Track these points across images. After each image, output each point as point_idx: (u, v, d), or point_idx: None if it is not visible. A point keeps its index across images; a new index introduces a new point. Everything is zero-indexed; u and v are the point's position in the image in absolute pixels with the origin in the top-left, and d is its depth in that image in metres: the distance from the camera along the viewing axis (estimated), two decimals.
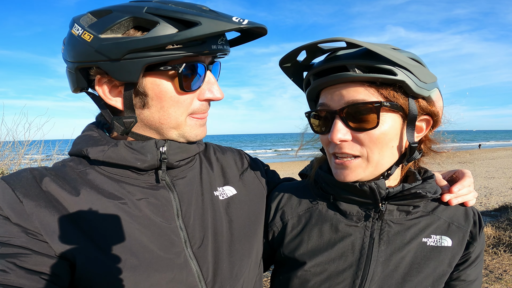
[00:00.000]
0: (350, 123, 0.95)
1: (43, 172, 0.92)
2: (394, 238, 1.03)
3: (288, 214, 1.18)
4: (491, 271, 4.68)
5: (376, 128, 0.94)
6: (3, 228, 0.80)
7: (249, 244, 1.09)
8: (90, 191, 0.91)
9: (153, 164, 0.95)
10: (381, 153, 0.98)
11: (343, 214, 1.08)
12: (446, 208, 1.09)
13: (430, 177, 1.09)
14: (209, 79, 0.96)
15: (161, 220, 0.95)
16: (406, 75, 0.92)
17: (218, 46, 0.91)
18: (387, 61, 0.91)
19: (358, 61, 0.92)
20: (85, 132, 1.02)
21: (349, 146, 0.97)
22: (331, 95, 0.98)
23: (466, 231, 1.05)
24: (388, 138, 0.97)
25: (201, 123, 1.00)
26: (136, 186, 0.96)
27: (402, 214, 1.04)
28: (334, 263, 1.05)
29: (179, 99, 0.93)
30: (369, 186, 0.99)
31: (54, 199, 0.86)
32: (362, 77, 0.92)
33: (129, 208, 0.92)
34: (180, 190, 1.02)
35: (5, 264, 0.75)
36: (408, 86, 0.92)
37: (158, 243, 0.91)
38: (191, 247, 0.96)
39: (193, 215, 1.00)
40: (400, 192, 1.01)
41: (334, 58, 0.98)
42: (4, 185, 0.86)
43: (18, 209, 0.82)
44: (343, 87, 0.96)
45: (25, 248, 0.79)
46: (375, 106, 0.92)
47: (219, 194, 1.11)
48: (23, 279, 0.76)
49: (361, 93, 0.94)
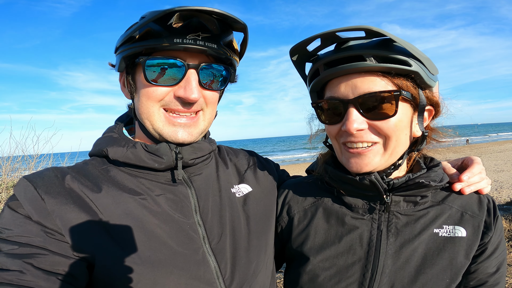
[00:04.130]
0: (365, 112, 0.96)
1: (65, 170, 0.94)
2: (403, 229, 1.02)
3: (294, 208, 1.19)
4: (509, 264, 4.63)
5: (394, 116, 0.96)
6: (22, 227, 0.81)
7: (265, 240, 1.11)
8: (112, 187, 0.94)
9: (169, 164, 0.98)
10: (398, 140, 0.99)
11: (349, 208, 1.09)
12: (457, 196, 1.07)
13: (436, 165, 1.08)
14: (188, 77, 0.96)
15: (180, 215, 0.96)
16: (419, 66, 0.94)
17: (186, 40, 0.91)
18: (402, 52, 0.93)
19: (375, 51, 0.93)
20: (105, 134, 1.06)
21: (366, 134, 0.98)
22: (344, 85, 0.98)
23: (481, 220, 1.02)
24: (403, 126, 0.99)
25: (176, 124, 0.99)
26: (155, 181, 0.99)
27: (410, 205, 1.04)
28: (342, 257, 1.05)
29: (148, 90, 0.97)
30: (369, 179, 1.00)
31: (76, 196, 0.88)
32: (378, 67, 0.93)
33: (148, 204, 0.94)
34: (197, 186, 1.04)
35: (22, 264, 0.76)
36: (421, 77, 0.95)
37: (176, 239, 0.93)
38: (209, 243, 0.97)
39: (211, 211, 1.02)
40: (405, 182, 1.00)
41: (348, 48, 0.97)
42: (26, 183, 0.87)
43: (39, 206, 0.84)
44: (357, 76, 0.96)
45: (43, 248, 0.80)
46: (394, 95, 0.94)
47: (235, 191, 1.13)
48: (40, 280, 0.76)
49: (377, 83, 0.95)
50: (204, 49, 0.94)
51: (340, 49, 0.98)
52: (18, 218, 0.82)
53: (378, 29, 0.90)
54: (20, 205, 0.84)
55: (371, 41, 0.97)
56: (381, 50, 0.93)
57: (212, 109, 1.08)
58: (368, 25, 0.89)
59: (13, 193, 0.88)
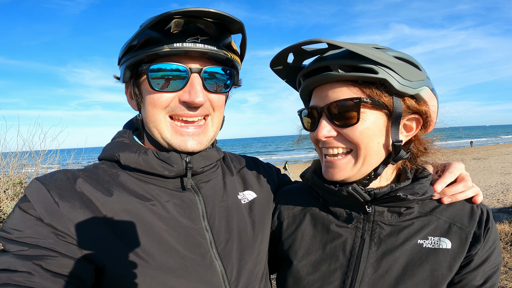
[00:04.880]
0: (334, 120, 1.00)
1: (77, 173, 0.95)
2: (386, 239, 1.02)
3: (284, 214, 1.22)
4: (510, 268, 4.57)
5: (358, 124, 0.97)
6: (33, 229, 0.82)
7: (266, 244, 1.14)
8: (122, 192, 0.95)
9: (179, 172, 1.00)
10: (368, 149, 0.99)
11: (335, 216, 1.11)
12: (448, 207, 1.04)
13: (424, 176, 1.05)
14: (192, 82, 0.97)
15: (188, 221, 0.98)
16: (387, 73, 0.94)
17: (185, 44, 0.92)
18: (368, 60, 0.93)
19: (340, 61, 0.96)
20: (116, 139, 1.07)
21: (336, 140, 1.02)
22: (319, 95, 1.03)
23: (470, 232, 0.99)
24: (372, 134, 0.98)
25: (184, 133, 0.99)
26: (164, 188, 1.00)
27: (394, 215, 1.03)
28: (325, 263, 1.07)
29: (153, 97, 0.97)
30: (346, 190, 1.00)
31: (88, 200, 0.89)
32: (344, 76, 0.96)
33: (158, 210, 0.96)
34: (204, 193, 1.05)
35: (31, 266, 0.77)
36: (390, 84, 0.94)
37: (185, 244, 0.94)
38: (216, 248, 0.99)
39: (218, 217, 1.04)
40: (387, 193, 1.00)
41: (321, 59, 1.01)
42: (39, 185, 0.88)
43: (52, 209, 0.85)
44: (329, 86, 1.00)
45: (53, 250, 0.81)
46: (355, 103, 0.96)
47: (241, 198, 1.15)
48: (47, 282, 0.77)
49: (344, 91, 0.98)
50: (204, 51, 0.94)
51: (316, 60, 1.03)
52: (30, 219, 0.83)
53: (333, 41, 0.93)
54: (32, 207, 0.84)
55: (343, 50, 0.99)
56: (347, 59, 0.95)
57: (220, 113, 1.08)
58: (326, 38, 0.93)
59: (24, 194, 0.88)
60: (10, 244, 0.80)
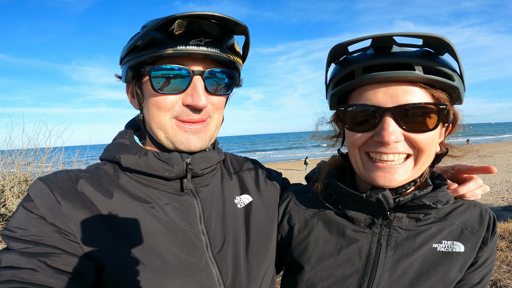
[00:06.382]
0: (404, 123, 0.91)
1: (79, 174, 0.96)
2: (403, 244, 1.02)
3: (295, 218, 1.19)
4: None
5: (433, 131, 0.92)
6: (37, 228, 0.83)
7: (265, 249, 1.13)
8: (123, 194, 0.96)
9: (179, 174, 1.00)
10: (429, 155, 0.96)
11: (351, 220, 1.08)
12: (460, 213, 1.05)
13: (443, 183, 1.04)
14: (194, 84, 0.96)
15: (185, 224, 0.99)
16: (460, 82, 0.92)
17: (188, 46, 0.92)
18: (446, 65, 0.89)
19: (424, 61, 0.88)
20: (117, 140, 1.08)
21: (400, 146, 0.93)
22: (382, 93, 0.92)
23: (480, 236, 1.02)
24: (436, 140, 0.96)
25: (187, 130, 1.00)
26: (162, 191, 1.01)
27: (412, 220, 1.03)
28: (340, 268, 1.05)
29: (157, 100, 0.97)
30: (376, 197, 0.97)
31: (89, 201, 0.91)
32: (423, 78, 0.89)
33: (157, 212, 0.97)
34: (203, 197, 1.06)
35: (36, 263, 0.78)
36: (459, 93, 0.92)
37: (181, 247, 0.95)
38: (211, 251, 1.00)
39: (214, 221, 1.05)
40: (410, 200, 0.99)
41: (392, 54, 0.92)
42: (42, 185, 0.89)
43: (55, 209, 0.86)
44: (397, 85, 0.91)
45: (57, 248, 0.82)
46: (439, 108, 0.90)
47: (237, 202, 1.15)
48: (52, 279, 0.78)
49: (417, 94, 0.90)
50: (207, 54, 0.94)
51: (384, 54, 0.92)
52: (33, 218, 0.84)
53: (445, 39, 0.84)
54: (35, 206, 0.86)
55: (416, 50, 0.92)
56: (428, 60, 0.88)
57: (219, 114, 1.08)
58: (431, 33, 0.85)
59: (28, 193, 0.90)
60: (14, 242, 0.81)
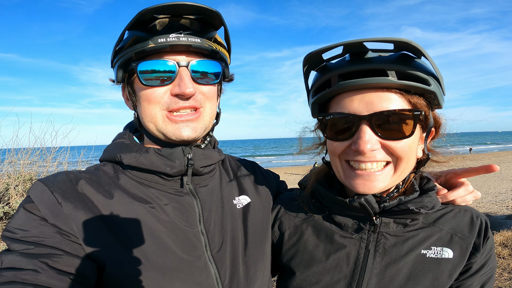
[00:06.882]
0: (380, 131, 0.90)
1: (79, 175, 0.98)
2: (391, 250, 1.01)
3: (285, 224, 1.21)
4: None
5: (410, 137, 0.92)
6: (38, 229, 0.84)
7: (262, 249, 1.15)
8: (123, 194, 0.97)
9: (181, 169, 1.02)
10: (409, 162, 0.96)
11: (339, 226, 1.09)
12: (450, 219, 1.04)
13: (430, 189, 1.04)
14: (180, 75, 1.00)
15: (185, 224, 1.01)
16: (437, 86, 0.90)
17: (169, 39, 0.96)
18: (422, 69, 0.88)
19: (397, 66, 0.86)
20: (116, 140, 1.10)
21: (377, 154, 0.93)
22: (358, 101, 0.91)
23: (470, 242, 1.00)
24: (414, 147, 0.96)
25: (178, 121, 1.02)
26: (162, 191, 1.03)
27: (400, 226, 1.03)
28: (329, 274, 1.06)
29: (146, 94, 1.01)
30: (359, 202, 0.98)
31: (89, 201, 0.92)
32: (398, 84, 0.88)
33: (157, 212, 0.98)
34: (202, 197, 1.08)
35: (38, 264, 0.78)
36: (437, 97, 0.91)
37: (181, 246, 0.97)
38: (210, 251, 1.01)
39: (213, 221, 1.06)
40: (396, 205, 0.99)
41: (367, 60, 0.90)
42: (43, 187, 0.90)
43: (56, 210, 0.87)
44: (373, 92, 0.90)
45: (58, 249, 0.83)
46: (414, 115, 0.89)
47: (236, 203, 1.17)
48: (53, 280, 0.78)
49: (393, 100, 0.89)
50: (188, 44, 0.98)
51: (359, 60, 0.91)
52: (34, 219, 0.85)
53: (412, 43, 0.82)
54: (36, 208, 0.86)
55: (391, 54, 0.90)
56: (402, 65, 0.87)
57: (212, 105, 1.10)
58: (400, 37, 0.83)
59: (28, 195, 0.90)
60: (15, 243, 0.82)
